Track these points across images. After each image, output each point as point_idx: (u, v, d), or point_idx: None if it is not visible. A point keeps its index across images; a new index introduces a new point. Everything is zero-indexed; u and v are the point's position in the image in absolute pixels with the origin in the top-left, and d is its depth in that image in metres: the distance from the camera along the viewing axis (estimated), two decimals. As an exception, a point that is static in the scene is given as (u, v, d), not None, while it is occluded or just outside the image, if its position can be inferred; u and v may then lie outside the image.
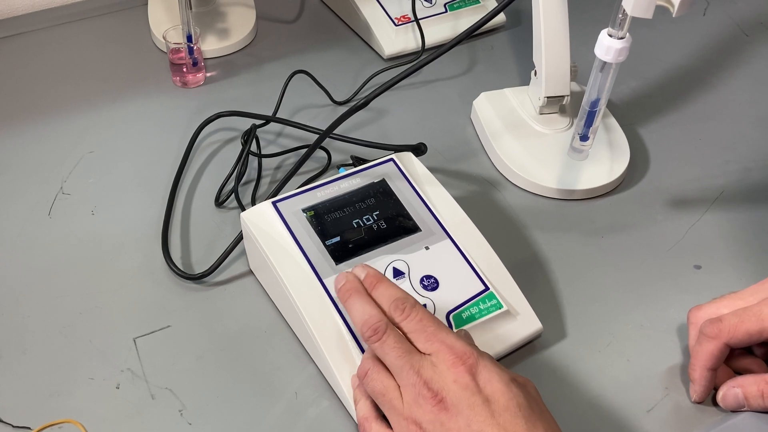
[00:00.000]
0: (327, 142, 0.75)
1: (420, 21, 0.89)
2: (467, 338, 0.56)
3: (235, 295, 0.65)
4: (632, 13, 0.59)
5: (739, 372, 0.59)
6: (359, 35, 0.93)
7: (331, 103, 0.83)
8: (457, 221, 0.64)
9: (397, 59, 0.90)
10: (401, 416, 0.49)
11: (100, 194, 0.73)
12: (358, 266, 0.56)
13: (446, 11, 0.91)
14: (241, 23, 0.91)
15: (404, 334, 0.52)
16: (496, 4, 0.76)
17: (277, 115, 0.80)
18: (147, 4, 0.94)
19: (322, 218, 0.62)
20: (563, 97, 0.76)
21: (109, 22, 0.93)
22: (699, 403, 0.58)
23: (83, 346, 0.61)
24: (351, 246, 0.60)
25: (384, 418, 0.52)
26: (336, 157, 0.76)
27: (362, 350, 0.56)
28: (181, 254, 0.68)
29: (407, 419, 0.49)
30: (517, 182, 0.75)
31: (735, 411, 0.57)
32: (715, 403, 0.58)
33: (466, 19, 0.92)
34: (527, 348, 0.61)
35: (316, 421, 0.57)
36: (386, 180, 0.65)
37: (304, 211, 0.62)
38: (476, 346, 0.54)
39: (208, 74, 0.87)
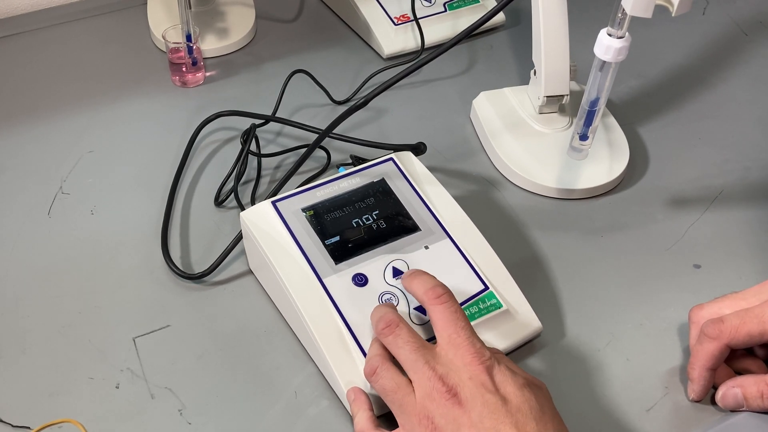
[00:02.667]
0: (326, 142, 0.75)
1: (419, 20, 0.89)
2: None
3: (234, 294, 0.65)
4: (631, 13, 0.59)
5: (739, 372, 0.58)
6: (359, 35, 0.93)
7: (331, 102, 0.83)
8: (456, 221, 0.64)
9: (397, 59, 0.90)
10: (412, 413, 0.49)
11: (100, 194, 0.73)
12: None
13: (446, 11, 0.91)
14: (240, 23, 0.91)
15: (431, 318, 0.52)
16: (496, 4, 0.76)
17: (277, 115, 0.80)
18: (146, 3, 0.93)
19: (321, 218, 0.62)
20: (563, 96, 0.76)
21: (109, 22, 0.93)
22: (697, 401, 0.58)
23: (83, 346, 0.61)
24: (350, 245, 0.60)
25: (382, 428, 0.52)
26: (335, 157, 0.76)
27: (362, 349, 0.56)
28: (180, 254, 0.68)
29: (418, 415, 0.48)
30: (516, 182, 0.75)
31: (734, 411, 0.57)
32: (714, 403, 0.58)
33: (465, 19, 0.92)
34: (527, 347, 0.61)
35: (315, 420, 0.57)
36: (386, 179, 0.65)
37: (303, 210, 0.62)
38: (490, 348, 0.55)
39: (208, 74, 0.87)
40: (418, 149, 0.70)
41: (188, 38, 0.82)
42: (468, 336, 0.51)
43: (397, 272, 0.60)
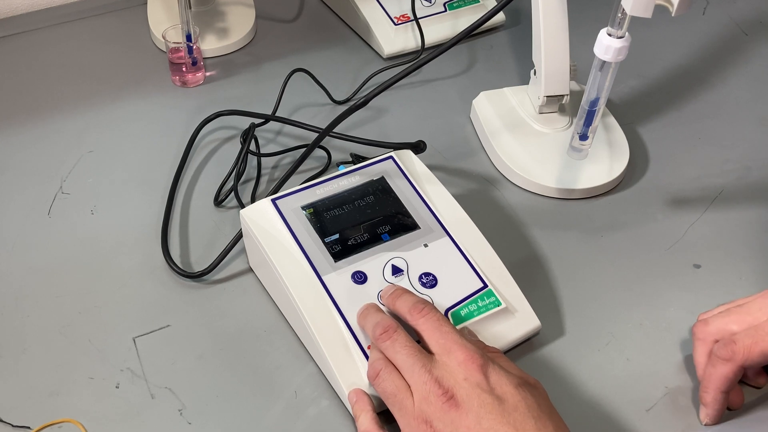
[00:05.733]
0: (326, 141, 0.75)
1: (419, 20, 0.89)
2: (473, 336, 0.57)
3: (234, 293, 0.65)
4: (631, 13, 0.59)
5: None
6: (359, 34, 0.93)
7: (331, 102, 0.83)
8: (456, 219, 0.64)
9: (397, 58, 0.90)
10: (411, 416, 0.49)
11: (100, 194, 0.73)
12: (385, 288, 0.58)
13: (446, 10, 0.91)
14: (240, 22, 0.92)
15: (419, 333, 0.53)
16: (496, 3, 0.76)
17: (277, 114, 0.80)
18: (146, 3, 0.94)
19: (321, 216, 0.62)
20: (562, 96, 0.76)
21: (109, 22, 0.93)
22: (710, 425, 0.56)
23: (83, 346, 0.61)
24: (350, 243, 0.60)
25: (385, 429, 0.52)
26: (336, 156, 0.76)
27: (361, 348, 0.56)
28: (180, 253, 0.68)
29: (417, 418, 0.49)
30: (516, 181, 0.75)
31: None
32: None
33: (465, 19, 0.92)
34: (525, 345, 0.61)
35: (315, 420, 0.57)
36: (385, 178, 0.65)
37: (303, 208, 0.62)
38: (486, 346, 0.55)
39: (208, 73, 0.87)
40: (417, 147, 0.70)
41: (188, 38, 0.82)
42: (455, 339, 0.51)
43: (396, 270, 0.60)
